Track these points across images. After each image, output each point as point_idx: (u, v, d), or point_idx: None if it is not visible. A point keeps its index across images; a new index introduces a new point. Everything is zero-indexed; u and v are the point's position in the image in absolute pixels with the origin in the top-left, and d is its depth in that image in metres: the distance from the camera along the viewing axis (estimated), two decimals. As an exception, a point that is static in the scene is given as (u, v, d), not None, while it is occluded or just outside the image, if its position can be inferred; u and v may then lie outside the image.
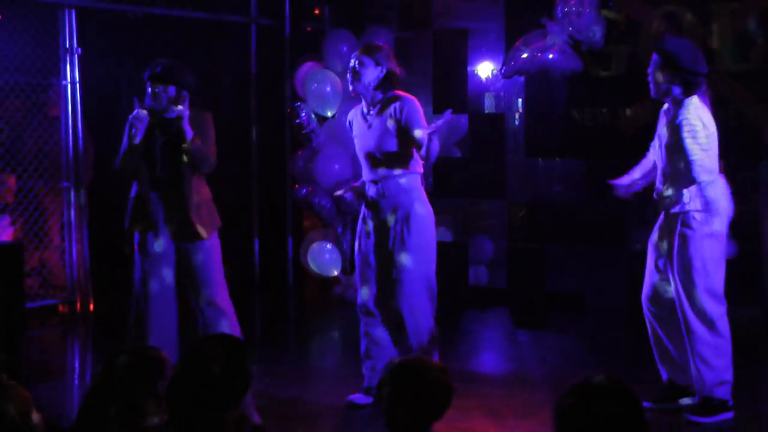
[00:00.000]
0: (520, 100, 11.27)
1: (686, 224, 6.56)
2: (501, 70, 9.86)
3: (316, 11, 12.16)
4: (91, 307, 10.43)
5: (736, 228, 8.99)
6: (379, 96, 6.88)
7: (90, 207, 10.51)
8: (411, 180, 6.84)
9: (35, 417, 3.60)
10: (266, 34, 11.97)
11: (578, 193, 10.31)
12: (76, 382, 8.30)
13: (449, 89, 10.57)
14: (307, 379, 8.07)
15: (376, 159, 6.86)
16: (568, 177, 11.13)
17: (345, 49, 10.69)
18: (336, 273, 11.11)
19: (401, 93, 6.89)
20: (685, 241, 6.56)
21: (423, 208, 6.85)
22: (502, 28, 10.23)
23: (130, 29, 11.21)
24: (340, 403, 7.07)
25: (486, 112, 11.66)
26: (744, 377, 7.77)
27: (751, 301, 9.06)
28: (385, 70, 6.83)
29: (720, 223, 6.62)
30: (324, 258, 11.11)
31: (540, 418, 6.57)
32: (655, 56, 6.62)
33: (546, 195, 11.53)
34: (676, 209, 6.58)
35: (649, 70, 6.67)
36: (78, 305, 10.31)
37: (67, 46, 10.11)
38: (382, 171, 6.84)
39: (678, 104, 6.55)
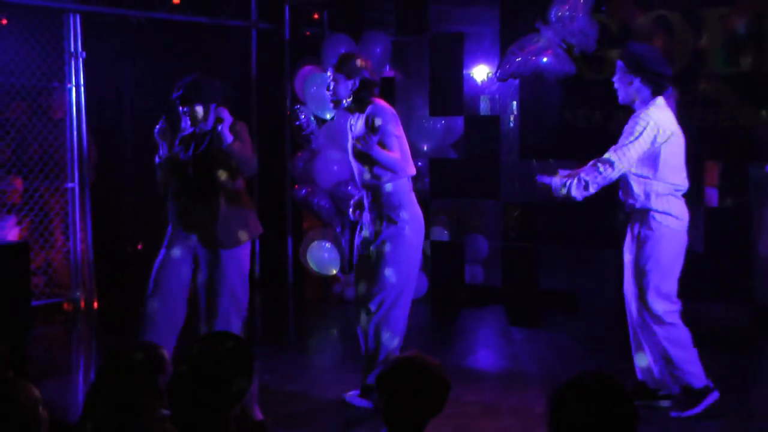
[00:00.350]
0: (514, 102, 11.36)
1: (647, 225, 6.62)
2: (496, 73, 9.90)
3: (315, 16, 12.14)
4: (95, 305, 10.50)
5: (727, 227, 9.23)
6: (358, 106, 7.01)
7: (93, 207, 10.57)
8: (397, 186, 6.94)
9: (42, 413, 3.61)
10: (266, 39, 12.01)
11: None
12: (81, 378, 8.33)
13: (445, 92, 10.65)
14: (307, 376, 8.09)
15: (360, 167, 7.02)
16: (561, 178, 11.21)
17: (343, 52, 10.81)
18: (335, 272, 11.15)
19: (377, 101, 7.00)
20: (644, 241, 6.63)
21: (407, 214, 6.96)
22: (497, 32, 10.25)
23: (133, 33, 11.23)
24: (340, 399, 7.11)
25: (481, 114, 11.71)
26: (734, 375, 7.92)
27: (741, 299, 9.18)
28: (357, 82, 6.92)
29: (678, 224, 6.66)
30: (323, 257, 11.15)
31: (534, 414, 6.65)
32: (620, 63, 6.68)
33: (540, 196, 11.61)
34: (637, 207, 6.66)
35: (615, 78, 6.73)
36: (82, 303, 10.36)
37: (72, 49, 10.16)
38: (368, 178, 6.98)
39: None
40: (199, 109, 6.93)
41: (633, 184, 6.62)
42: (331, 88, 7.00)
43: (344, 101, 7.00)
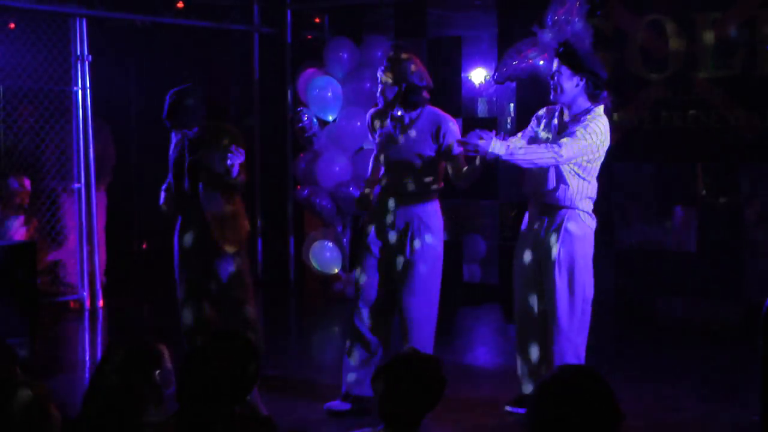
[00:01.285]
0: (512, 104, 11.39)
1: (573, 222, 6.47)
2: (493, 76, 9.97)
3: (317, 20, 12.21)
4: (101, 303, 10.58)
5: (718, 225, 9.37)
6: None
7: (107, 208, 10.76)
8: None
9: (55, 413, 3.64)
10: (268, 42, 12.05)
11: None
12: (87, 376, 8.29)
13: (444, 94, 10.40)
14: (309, 372, 8.13)
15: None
16: (557, 178, 11.27)
17: (345, 56, 10.86)
18: (336, 270, 11.23)
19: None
20: (569, 239, 6.47)
21: None
22: (495, 36, 10.36)
23: (138, 37, 11.35)
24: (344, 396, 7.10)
25: (479, 116, 11.82)
26: (726, 369, 8.05)
27: (732, 296, 9.31)
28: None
29: (593, 227, 6.60)
30: (325, 256, 11.22)
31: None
32: (561, 62, 6.45)
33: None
34: (562, 204, 6.49)
35: (558, 76, 6.48)
36: (88, 302, 10.43)
37: (78, 53, 10.22)
38: None
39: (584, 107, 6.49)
40: (190, 133, 6.96)
41: (569, 179, 6.44)
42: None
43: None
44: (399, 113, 6.80)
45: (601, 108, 6.46)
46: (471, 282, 11.30)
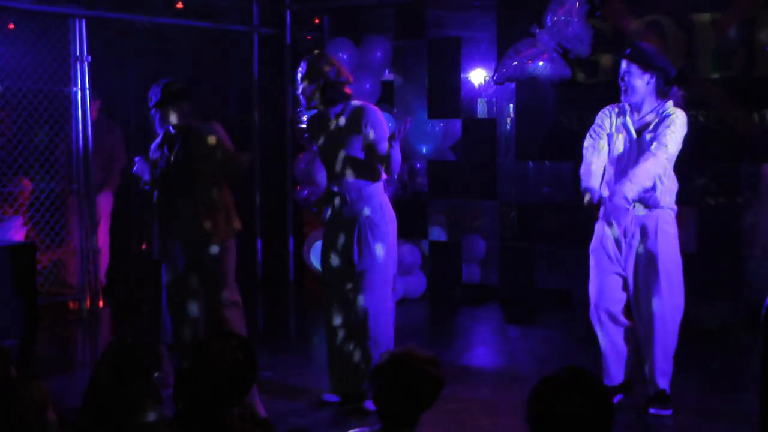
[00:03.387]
0: (511, 105, 11.42)
1: (665, 221, 6.67)
2: (493, 77, 9.99)
3: (316, 21, 12.20)
4: (100, 304, 10.57)
5: (717, 225, 9.36)
6: None
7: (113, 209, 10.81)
8: None
9: (51, 414, 3.74)
10: (268, 43, 12.06)
11: (566, 195, 10.32)
12: (86, 377, 8.37)
13: (444, 95, 10.72)
14: (308, 372, 8.11)
15: None
16: (556, 179, 11.29)
17: (345, 56, 10.83)
18: None
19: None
20: (663, 238, 6.66)
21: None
22: (494, 37, 10.32)
23: (137, 38, 11.33)
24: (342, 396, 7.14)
25: (478, 117, 11.81)
26: (725, 369, 8.05)
27: (732, 296, 9.31)
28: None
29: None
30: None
31: None
32: (628, 62, 6.67)
33: (535, 196, 11.69)
34: (653, 203, 6.67)
35: (626, 77, 6.68)
36: (87, 302, 10.42)
37: (78, 54, 10.22)
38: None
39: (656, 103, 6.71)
40: (174, 112, 6.99)
41: (663, 178, 6.63)
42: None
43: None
44: (322, 109, 7.03)
45: (671, 103, 6.65)
46: (470, 282, 11.29)
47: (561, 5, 9.39)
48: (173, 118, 6.96)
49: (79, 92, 10.32)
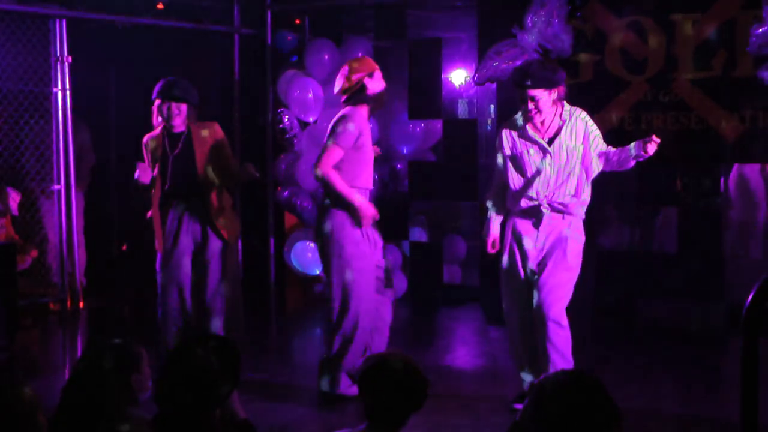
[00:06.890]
0: (492, 106, 11.41)
1: (573, 225, 6.70)
2: (473, 77, 9.94)
3: (297, 21, 12.14)
4: (81, 305, 10.56)
5: (698, 226, 9.38)
6: None
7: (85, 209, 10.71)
8: None
9: (41, 417, 3.67)
10: (249, 43, 12.02)
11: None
12: (67, 378, 8.38)
13: (424, 96, 10.73)
14: (290, 374, 8.14)
15: None
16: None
17: (326, 57, 10.87)
18: (318, 272, 11.17)
19: None
20: (572, 241, 6.70)
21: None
22: (475, 38, 10.33)
23: (118, 38, 11.27)
24: (322, 397, 7.22)
25: (459, 117, 11.83)
26: (707, 370, 8.08)
27: (713, 297, 9.31)
28: None
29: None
30: (306, 257, 11.26)
31: (511, 411, 6.75)
32: (534, 90, 6.72)
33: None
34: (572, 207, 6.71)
35: (539, 104, 6.72)
36: (69, 303, 10.38)
37: (58, 54, 10.19)
38: None
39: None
40: (184, 109, 7.16)
41: (584, 184, 6.71)
42: None
43: None
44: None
45: (567, 105, 6.81)
46: (451, 283, 11.33)
47: (542, 6, 9.38)
48: (176, 119, 7.00)
49: (60, 93, 10.27)
